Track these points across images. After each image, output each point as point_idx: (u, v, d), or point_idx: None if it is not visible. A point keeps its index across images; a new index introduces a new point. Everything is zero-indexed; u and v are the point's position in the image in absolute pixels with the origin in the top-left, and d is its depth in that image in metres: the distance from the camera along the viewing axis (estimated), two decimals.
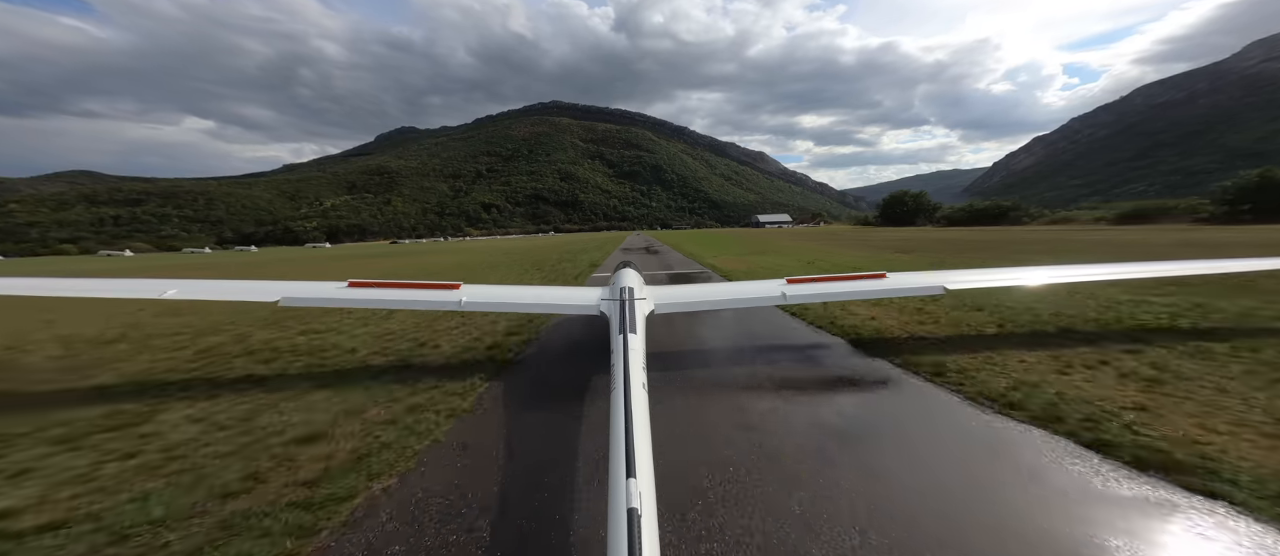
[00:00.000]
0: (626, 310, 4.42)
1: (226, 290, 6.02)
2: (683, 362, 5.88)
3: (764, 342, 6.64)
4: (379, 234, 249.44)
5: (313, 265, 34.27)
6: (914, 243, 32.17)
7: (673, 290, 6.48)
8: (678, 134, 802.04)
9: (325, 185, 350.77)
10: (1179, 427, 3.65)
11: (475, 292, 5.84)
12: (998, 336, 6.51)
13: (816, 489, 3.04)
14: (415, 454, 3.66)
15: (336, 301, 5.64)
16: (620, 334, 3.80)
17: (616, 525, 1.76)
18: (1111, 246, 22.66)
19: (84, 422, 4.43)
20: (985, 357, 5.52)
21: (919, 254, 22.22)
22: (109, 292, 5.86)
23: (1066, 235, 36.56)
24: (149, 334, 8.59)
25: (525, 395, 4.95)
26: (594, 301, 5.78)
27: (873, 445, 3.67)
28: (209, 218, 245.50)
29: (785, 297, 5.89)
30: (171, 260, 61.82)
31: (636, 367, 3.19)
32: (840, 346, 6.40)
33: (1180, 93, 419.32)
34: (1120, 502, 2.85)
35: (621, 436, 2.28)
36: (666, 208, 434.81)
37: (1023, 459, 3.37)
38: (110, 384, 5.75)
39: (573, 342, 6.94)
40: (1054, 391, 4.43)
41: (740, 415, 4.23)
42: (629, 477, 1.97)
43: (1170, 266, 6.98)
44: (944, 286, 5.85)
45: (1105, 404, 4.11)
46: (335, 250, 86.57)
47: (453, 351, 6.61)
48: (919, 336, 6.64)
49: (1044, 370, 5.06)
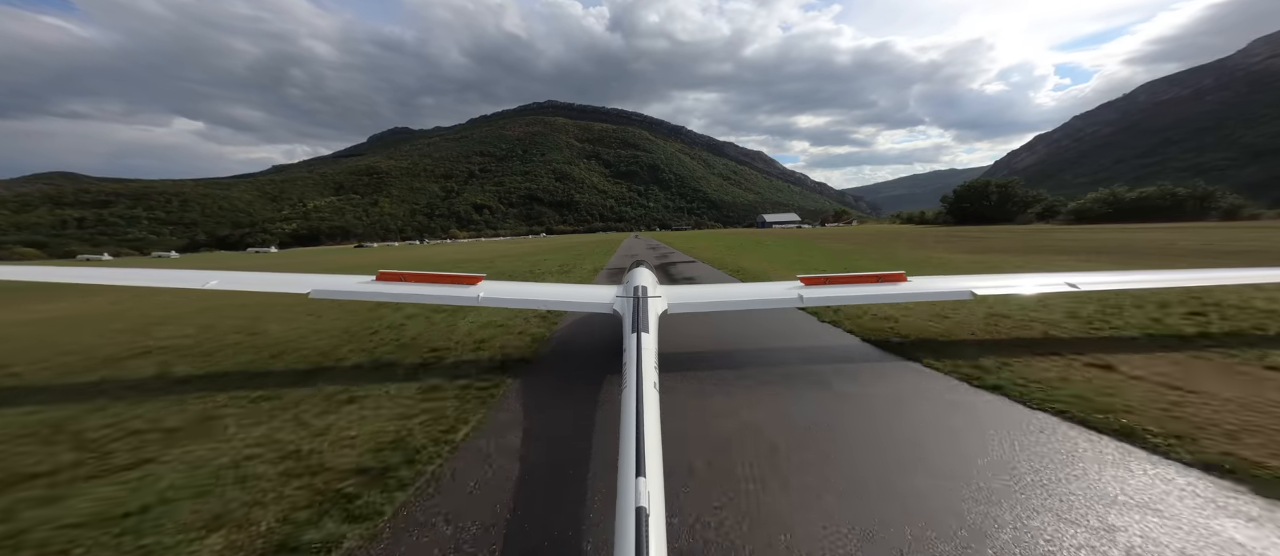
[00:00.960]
0: (640, 309, 4.42)
1: (263, 282, 6.43)
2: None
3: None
4: (363, 236, 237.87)
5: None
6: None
7: (687, 290, 6.49)
8: (675, 133, 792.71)
9: (310, 186, 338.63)
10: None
11: (494, 288, 6.05)
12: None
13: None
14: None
15: (364, 294, 5.84)
16: (633, 332, 3.76)
17: (624, 523, 1.76)
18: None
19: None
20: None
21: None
22: (154, 282, 6.05)
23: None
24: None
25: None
26: (609, 299, 5.71)
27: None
28: (182, 220, 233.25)
29: (802, 299, 5.74)
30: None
31: (648, 367, 3.18)
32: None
33: (1186, 90, 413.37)
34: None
35: (632, 435, 2.26)
36: (664, 208, 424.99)
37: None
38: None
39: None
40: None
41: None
42: (638, 476, 1.95)
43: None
44: (972, 291, 5.62)
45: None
46: (280, 255, 77.96)
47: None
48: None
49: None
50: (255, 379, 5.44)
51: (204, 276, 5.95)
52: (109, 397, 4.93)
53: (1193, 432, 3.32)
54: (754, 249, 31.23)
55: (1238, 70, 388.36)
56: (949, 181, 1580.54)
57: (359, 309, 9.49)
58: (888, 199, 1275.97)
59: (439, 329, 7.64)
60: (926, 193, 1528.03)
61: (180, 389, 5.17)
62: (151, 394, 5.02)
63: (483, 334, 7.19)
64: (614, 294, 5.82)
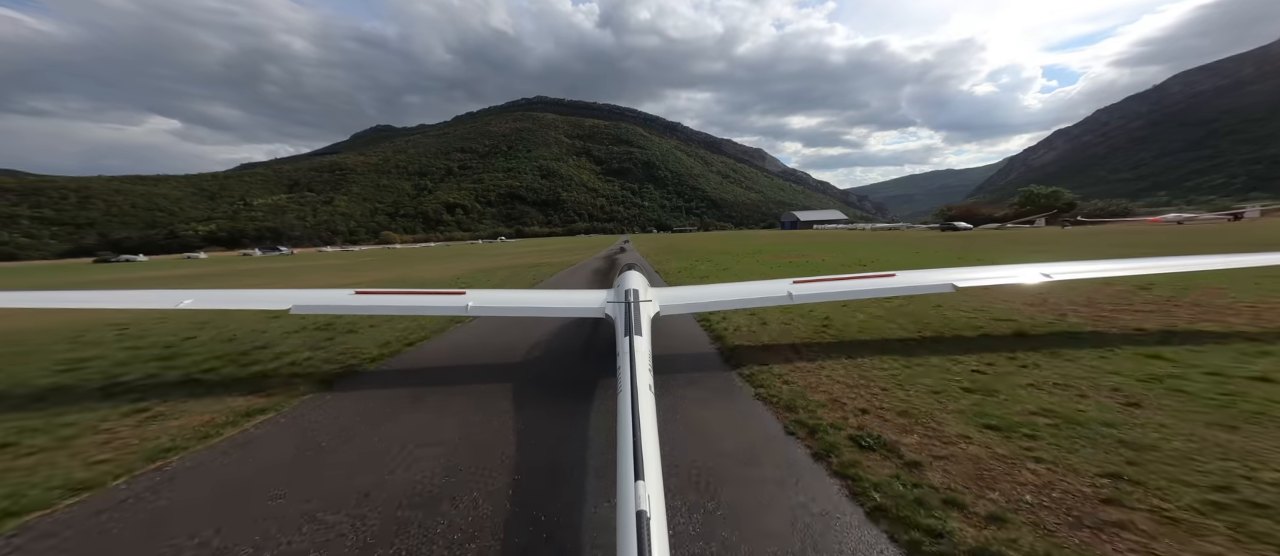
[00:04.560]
0: (632, 312, 4.40)
1: (240, 299, 6.34)
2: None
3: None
4: (300, 240, 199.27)
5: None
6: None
7: (678, 291, 6.54)
8: (671, 130, 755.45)
9: (259, 183, 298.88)
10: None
11: (481, 297, 6.00)
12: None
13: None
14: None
15: (345, 308, 5.93)
16: (626, 336, 3.78)
17: (625, 528, 1.74)
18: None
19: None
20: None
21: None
22: (124, 303, 6.09)
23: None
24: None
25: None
26: (599, 304, 5.71)
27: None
28: (76, 220, 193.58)
29: (792, 296, 5.82)
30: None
31: (643, 369, 3.17)
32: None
33: (1224, 79, 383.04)
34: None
35: (629, 439, 2.23)
36: (661, 207, 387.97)
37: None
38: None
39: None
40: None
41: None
42: (637, 480, 1.93)
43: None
44: (953, 284, 5.85)
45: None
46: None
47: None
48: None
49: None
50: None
51: (178, 295, 6.08)
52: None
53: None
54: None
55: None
56: (945, 182, 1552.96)
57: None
58: (886, 200, 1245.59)
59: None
60: (922, 194, 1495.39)
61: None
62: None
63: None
64: (605, 298, 5.79)
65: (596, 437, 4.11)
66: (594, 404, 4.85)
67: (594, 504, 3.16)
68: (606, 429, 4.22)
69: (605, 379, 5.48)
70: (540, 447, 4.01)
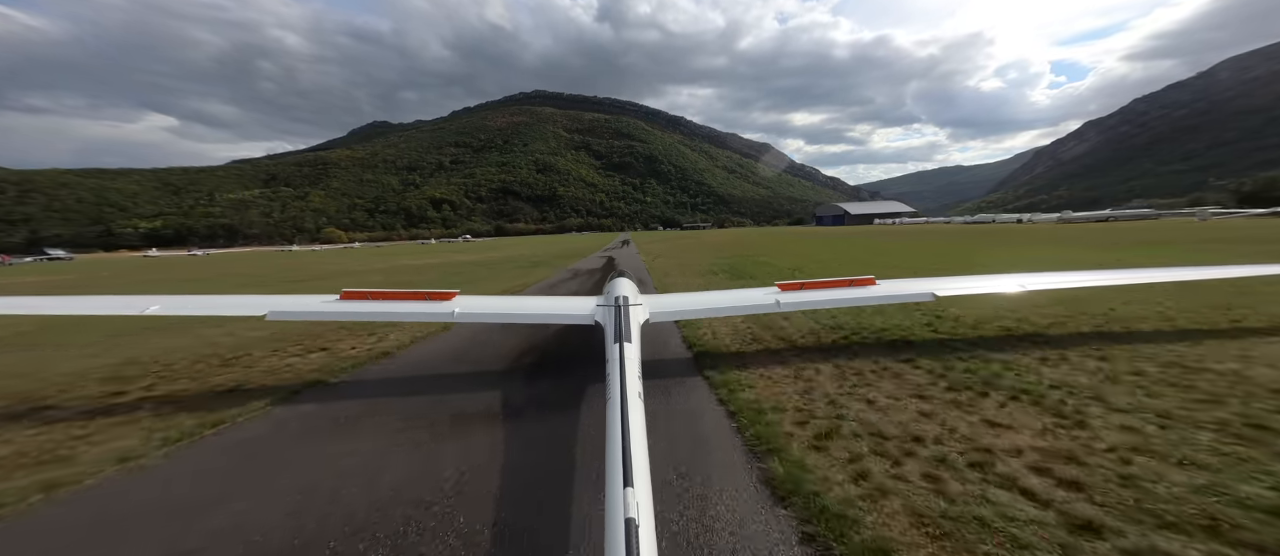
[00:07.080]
0: (621, 318, 4.37)
1: (212, 305, 6.02)
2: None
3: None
4: (259, 238, 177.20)
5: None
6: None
7: (668, 299, 6.72)
8: (673, 124, 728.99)
9: (232, 178, 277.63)
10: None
11: (468, 303, 5.88)
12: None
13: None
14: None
15: (326, 315, 5.61)
16: (616, 342, 3.75)
17: (614, 535, 1.74)
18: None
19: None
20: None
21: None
22: (88, 310, 5.84)
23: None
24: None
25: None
26: (589, 310, 5.63)
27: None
28: (9, 217, 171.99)
29: (779, 304, 5.91)
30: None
31: (632, 376, 3.16)
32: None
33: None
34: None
35: (618, 446, 2.23)
36: (664, 203, 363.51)
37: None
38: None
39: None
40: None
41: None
42: (626, 486, 1.93)
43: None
44: (934, 293, 5.97)
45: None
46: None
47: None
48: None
49: None
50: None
51: (144, 302, 5.68)
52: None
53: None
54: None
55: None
56: (953, 179, 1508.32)
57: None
58: (895, 197, 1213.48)
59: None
60: (931, 191, 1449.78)
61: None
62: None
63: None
64: (594, 304, 5.77)
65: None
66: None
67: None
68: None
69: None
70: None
